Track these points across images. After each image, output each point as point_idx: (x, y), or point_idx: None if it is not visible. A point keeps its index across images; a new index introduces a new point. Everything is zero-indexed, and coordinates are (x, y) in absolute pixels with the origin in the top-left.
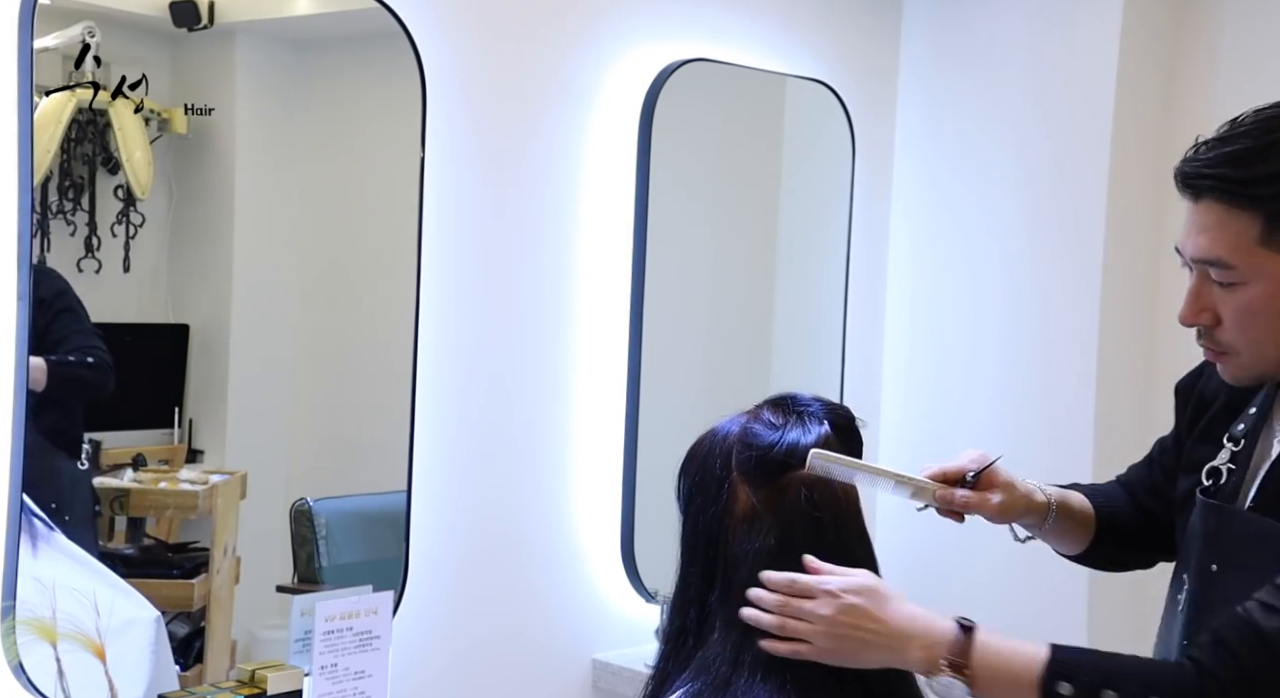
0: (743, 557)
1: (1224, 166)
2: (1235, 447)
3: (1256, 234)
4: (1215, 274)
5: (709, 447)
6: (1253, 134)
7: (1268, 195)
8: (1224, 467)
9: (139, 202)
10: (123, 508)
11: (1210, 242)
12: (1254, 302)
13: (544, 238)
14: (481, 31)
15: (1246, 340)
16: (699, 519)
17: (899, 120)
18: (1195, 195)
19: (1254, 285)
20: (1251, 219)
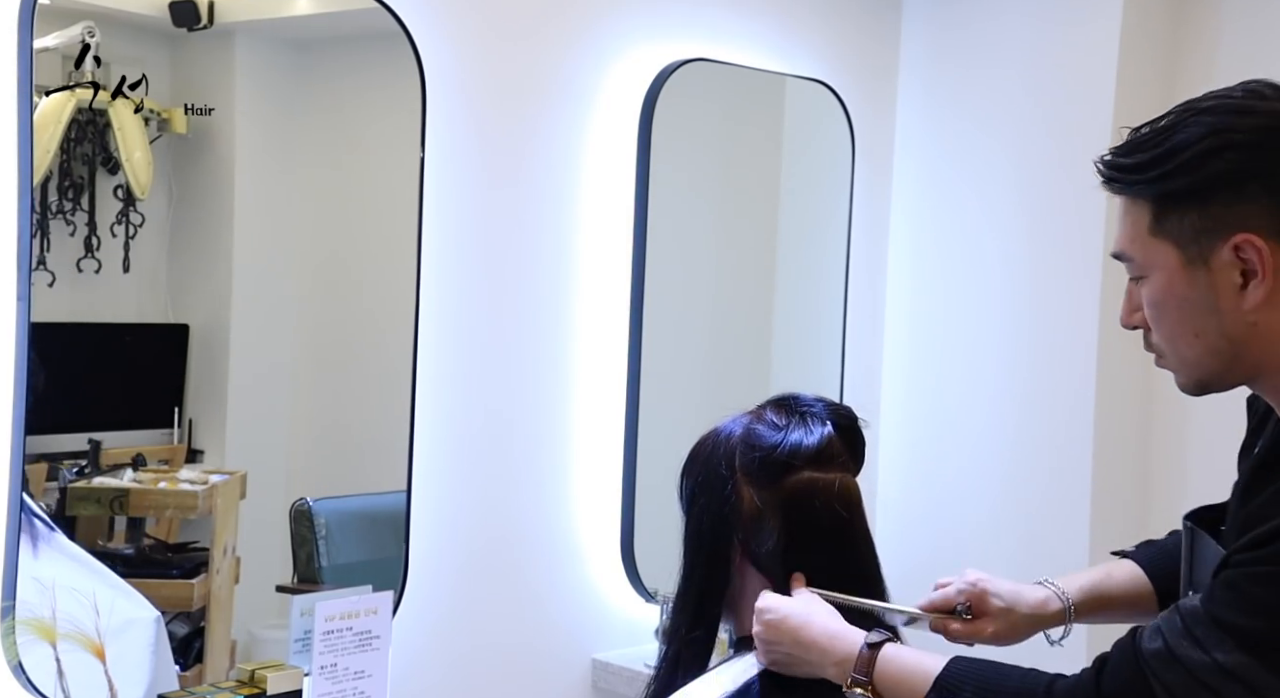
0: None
1: (1121, 155)
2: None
3: (1148, 223)
4: (1127, 269)
5: (712, 447)
6: (1158, 120)
7: (1152, 179)
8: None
9: (139, 202)
10: (123, 508)
11: (1118, 234)
12: (1154, 294)
13: (544, 238)
14: (482, 31)
15: (1162, 339)
16: (702, 520)
17: (899, 120)
18: (1107, 188)
19: (1152, 277)
20: (1143, 208)
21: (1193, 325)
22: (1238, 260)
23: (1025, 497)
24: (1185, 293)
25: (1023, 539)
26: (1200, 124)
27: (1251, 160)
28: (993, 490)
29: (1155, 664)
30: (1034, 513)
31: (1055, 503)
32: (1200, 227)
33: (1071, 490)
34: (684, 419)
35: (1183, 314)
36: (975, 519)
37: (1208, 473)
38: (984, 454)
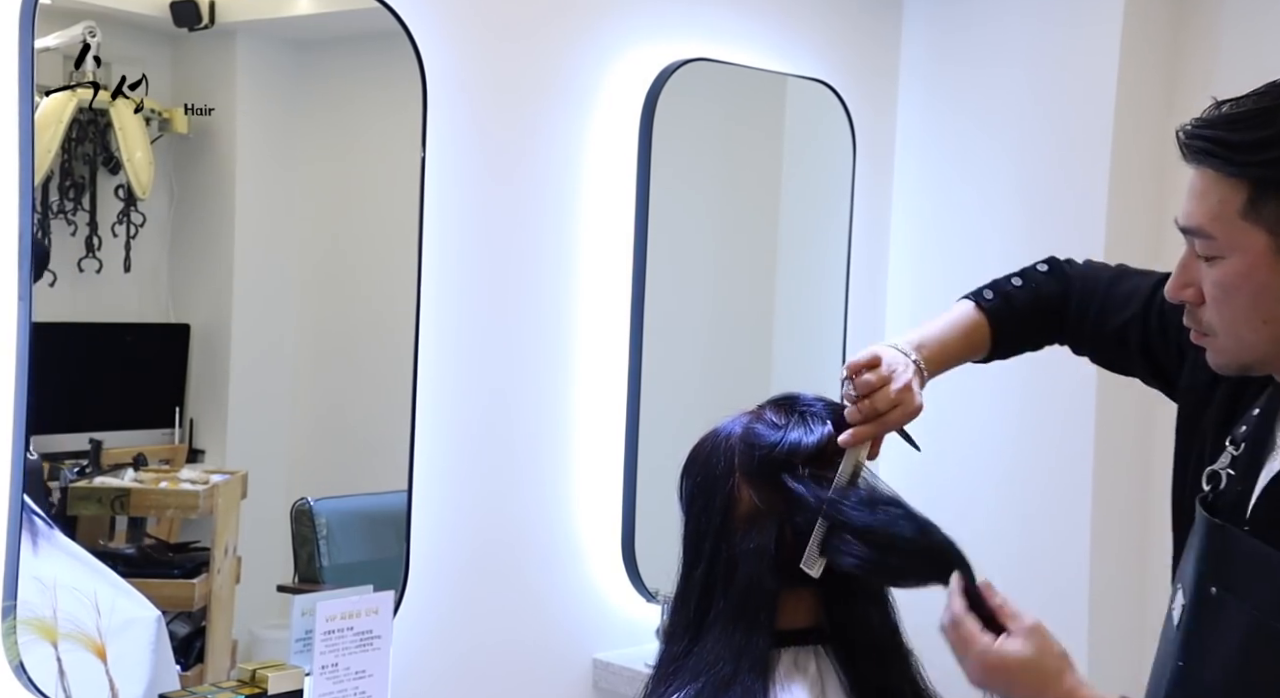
0: (745, 556)
1: (1220, 129)
2: (1235, 451)
3: (1240, 204)
4: (1199, 246)
5: (711, 447)
6: (1249, 100)
7: (1257, 163)
8: (1224, 472)
9: (140, 201)
10: (123, 508)
11: (1195, 209)
12: (1229, 277)
13: (544, 238)
14: (482, 31)
15: (1222, 320)
16: (702, 519)
17: (900, 120)
18: (1191, 160)
19: (1231, 259)
20: (1237, 187)
21: (1264, 311)
22: None
23: (1025, 496)
24: (1267, 279)
25: (1023, 539)
26: None
27: None
28: (993, 490)
29: None
30: (1034, 513)
31: (1055, 502)
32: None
33: (1071, 490)
34: (684, 419)
35: (1257, 299)
36: (975, 519)
37: None
38: (984, 454)
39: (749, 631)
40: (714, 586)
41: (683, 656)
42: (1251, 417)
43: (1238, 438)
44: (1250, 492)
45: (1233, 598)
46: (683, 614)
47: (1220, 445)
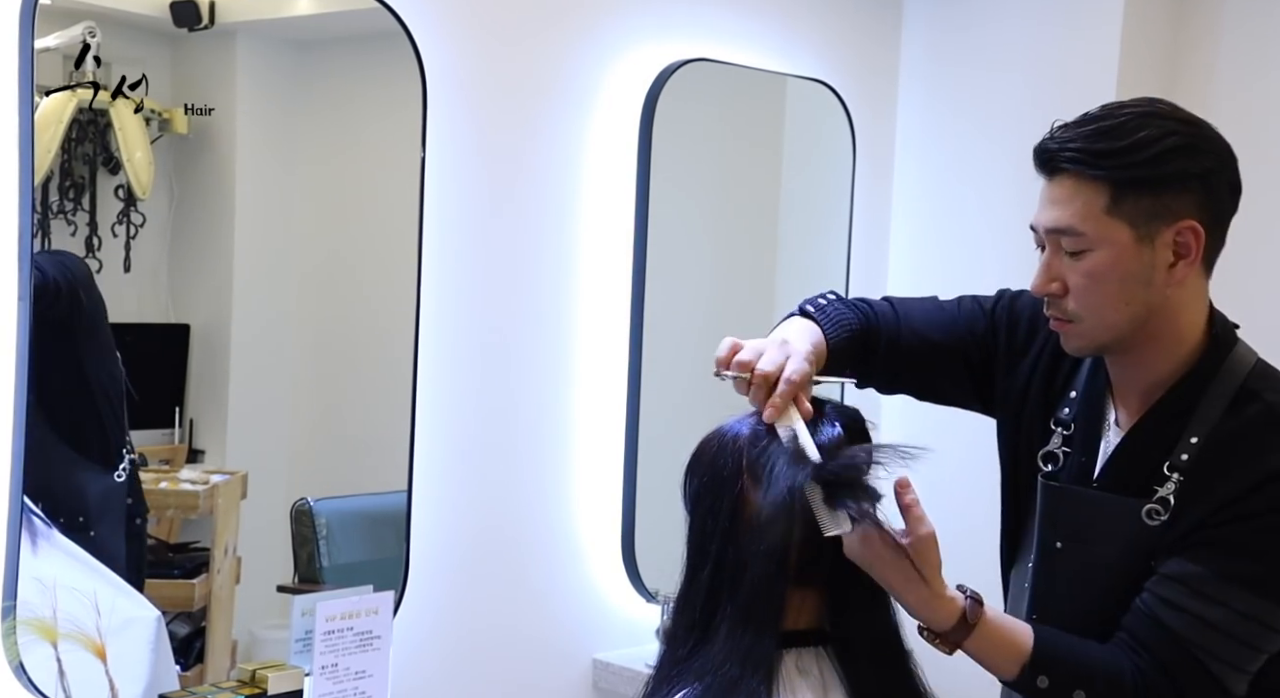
0: (754, 558)
1: (1079, 141)
2: (1066, 431)
3: (1104, 203)
4: (1067, 243)
5: (718, 447)
6: (1104, 117)
7: (1115, 166)
8: (1059, 451)
9: (139, 202)
10: None
11: (1063, 212)
12: (1098, 267)
13: (544, 238)
14: (482, 31)
15: (1090, 307)
16: (708, 520)
17: (899, 120)
18: (1051, 170)
19: (1099, 251)
20: (1100, 188)
21: (1125, 295)
22: (1175, 243)
23: None
24: (1130, 267)
25: None
26: (1161, 127)
27: (1198, 163)
28: (991, 490)
29: (1190, 635)
30: None
31: None
32: (1152, 211)
33: None
34: (685, 419)
35: (1122, 286)
36: (975, 519)
37: None
38: (984, 454)
39: (757, 633)
40: (721, 587)
41: (687, 658)
42: (1071, 400)
43: (1063, 420)
44: (1093, 462)
45: (1077, 547)
46: (687, 616)
47: (1047, 431)
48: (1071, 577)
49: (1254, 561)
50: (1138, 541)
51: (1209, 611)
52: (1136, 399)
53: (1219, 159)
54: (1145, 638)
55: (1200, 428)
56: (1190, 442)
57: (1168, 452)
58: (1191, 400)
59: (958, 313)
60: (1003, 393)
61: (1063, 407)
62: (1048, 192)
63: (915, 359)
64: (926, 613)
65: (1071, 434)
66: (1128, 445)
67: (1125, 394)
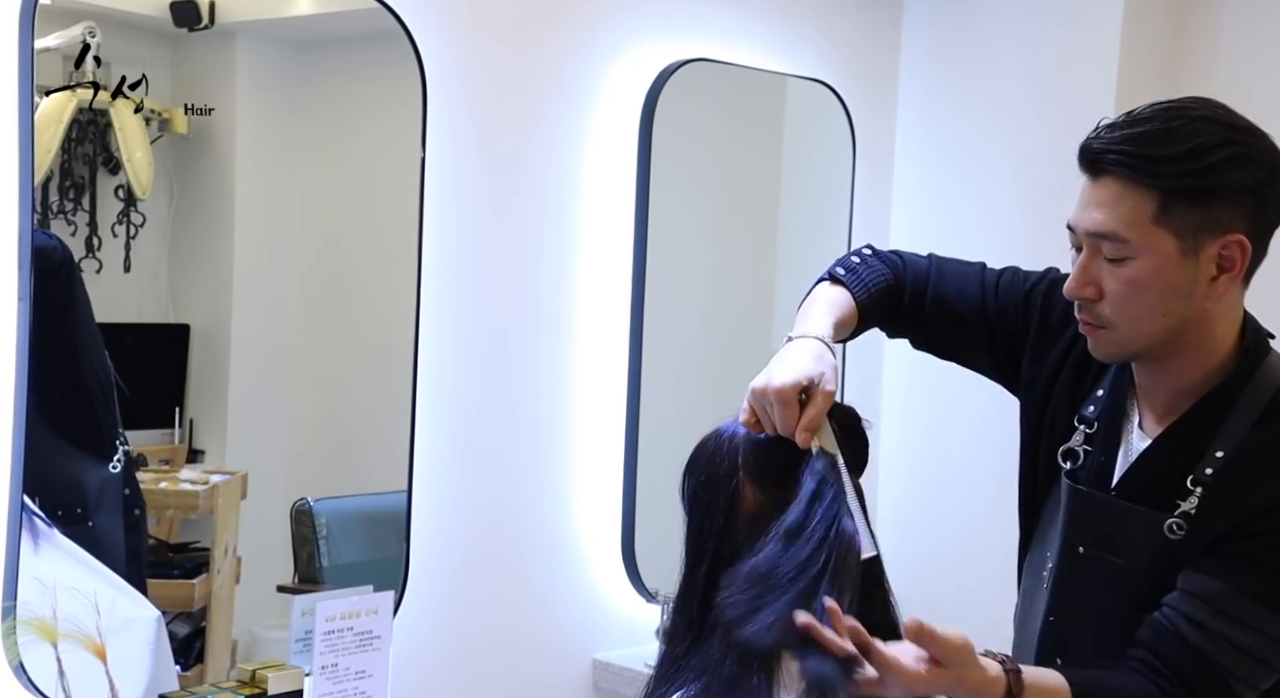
0: (749, 555)
1: (1129, 145)
2: (1089, 430)
3: (1151, 211)
4: (1108, 248)
5: (715, 446)
6: (1155, 120)
7: (1166, 174)
8: (1080, 449)
9: (139, 202)
10: None
11: (1107, 216)
12: (1139, 276)
13: (545, 238)
14: (482, 31)
15: (1126, 315)
16: (705, 519)
17: (900, 120)
18: (1097, 171)
19: (1142, 260)
20: (1147, 196)
21: (1164, 307)
22: (1219, 256)
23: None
24: (1172, 279)
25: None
26: (1216, 135)
27: (1251, 174)
28: (993, 489)
29: (1214, 653)
30: None
31: None
32: (1201, 223)
33: None
34: (684, 419)
35: (1162, 297)
36: (975, 518)
37: None
38: (984, 453)
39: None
40: (718, 584)
41: (685, 655)
42: (1098, 398)
43: (1087, 418)
44: (1112, 463)
45: (1100, 554)
46: (685, 614)
47: (1070, 427)
48: (1092, 583)
49: (1276, 578)
50: (1159, 553)
51: (1232, 630)
52: (1162, 405)
53: (1272, 170)
54: (1169, 657)
55: (1227, 442)
56: (1216, 456)
57: (1193, 464)
58: (1220, 412)
59: (996, 285)
60: (1029, 377)
61: (1088, 404)
62: (1091, 193)
63: (936, 324)
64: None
65: (1094, 433)
66: (1152, 454)
67: (1151, 398)
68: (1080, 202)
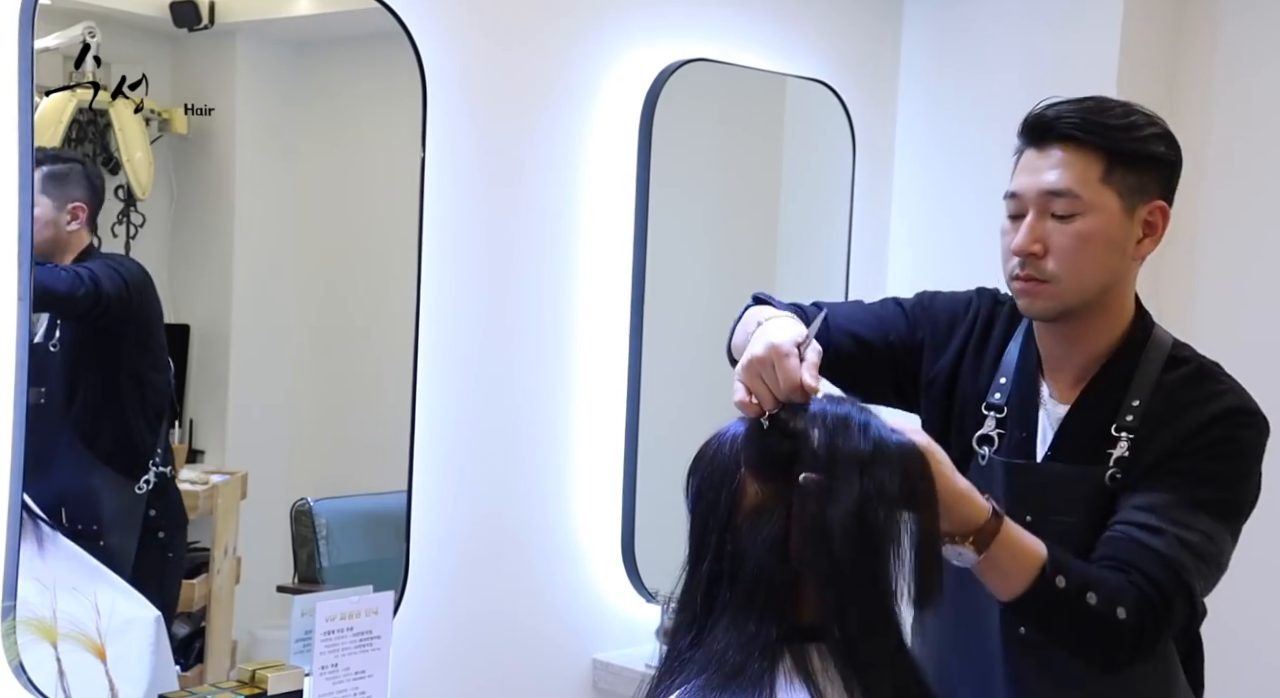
0: (752, 548)
1: (1078, 115)
2: (999, 414)
3: (1099, 172)
4: (1059, 205)
5: (717, 445)
6: (1090, 101)
7: (1111, 140)
8: (994, 434)
9: (139, 202)
10: None
11: (1061, 175)
12: (1087, 230)
13: (544, 238)
14: (482, 31)
15: (1071, 268)
16: (708, 517)
17: (900, 120)
18: (1047, 140)
19: (1091, 216)
20: (1096, 158)
21: (1105, 261)
22: (1145, 221)
23: None
24: (1114, 235)
25: None
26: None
27: (1171, 151)
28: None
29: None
30: None
31: None
32: (1136, 187)
33: None
34: (685, 419)
35: (1106, 251)
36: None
37: None
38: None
39: (758, 622)
40: (720, 579)
41: (689, 649)
42: (1002, 386)
43: (995, 404)
44: (1034, 436)
45: (1046, 518)
46: (689, 610)
47: (980, 417)
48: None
49: (1214, 487)
50: (1103, 504)
51: (1186, 534)
52: (1071, 374)
53: (1179, 152)
54: (1132, 559)
55: (1141, 391)
56: (1133, 405)
57: (1112, 416)
58: (1128, 368)
59: (882, 312)
60: (927, 383)
61: (993, 392)
62: (1038, 159)
63: (842, 354)
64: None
65: (1005, 416)
66: (1074, 416)
67: (1060, 370)
68: (1024, 170)
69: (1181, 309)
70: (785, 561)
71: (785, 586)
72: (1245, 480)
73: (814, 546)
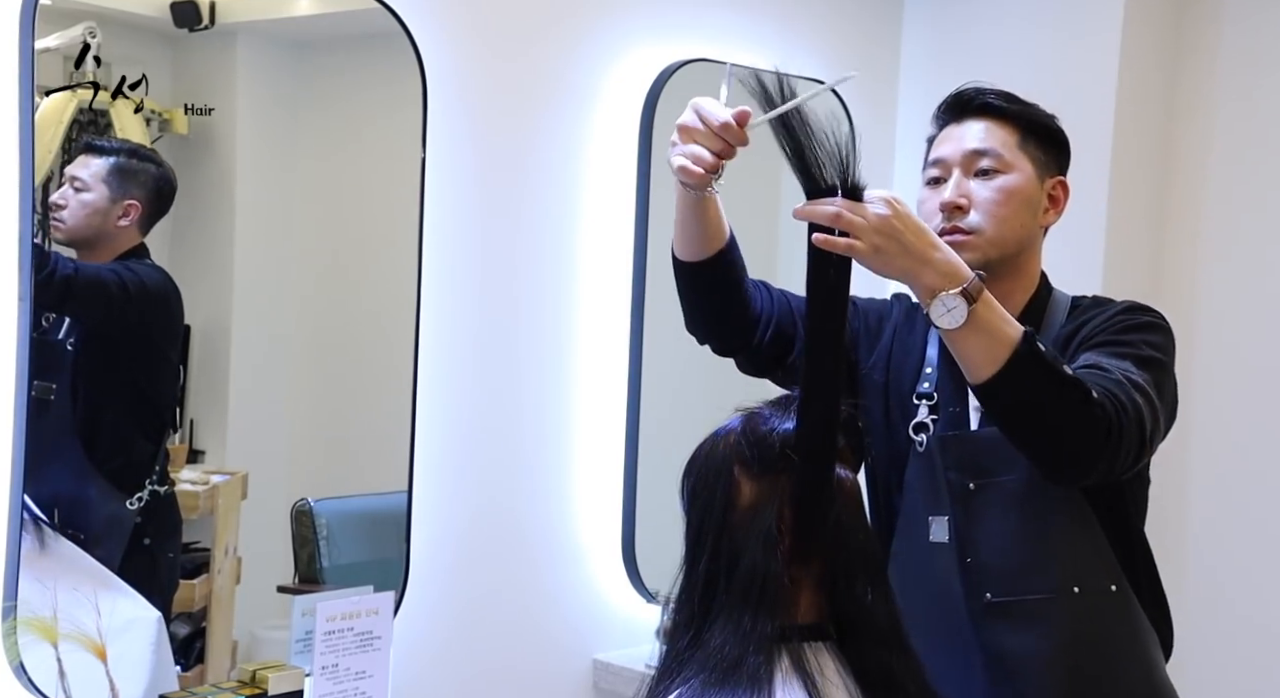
0: (747, 545)
1: (995, 97)
2: (930, 401)
3: (1017, 140)
4: (985, 163)
5: (711, 445)
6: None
7: (1026, 116)
8: (928, 421)
9: None
10: None
11: (986, 137)
12: (1008, 185)
13: (545, 238)
14: (482, 32)
15: (995, 220)
16: (704, 515)
17: (900, 120)
18: (969, 114)
19: (1011, 174)
20: (1013, 128)
21: (1021, 217)
22: (1049, 193)
23: None
24: (1029, 193)
25: None
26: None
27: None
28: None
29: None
30: None
31: None
32: (1044, 160)
33: None
34: (685, 419)
35: (1023, 208)
36: None
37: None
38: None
39: (754, 619)
40: (717, 577)
41: (688, 648)
42: (928, 374)
43: (925, 393)
44: (966, 411)
45: (989, 481)
46: (686, 609)
47: (912, 407)
48: (991, 509)
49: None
50: None
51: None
52: None
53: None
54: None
55: (1050, 333)
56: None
57: None
58: (1036, 322)
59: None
60: (864, 374)
61: (921, 382)
62: (958, 130)
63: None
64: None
65: (936, 401)
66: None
67: None
68: (944, 141)
69: (1183, 312)
70: (780, 554)
71: (781, 581)
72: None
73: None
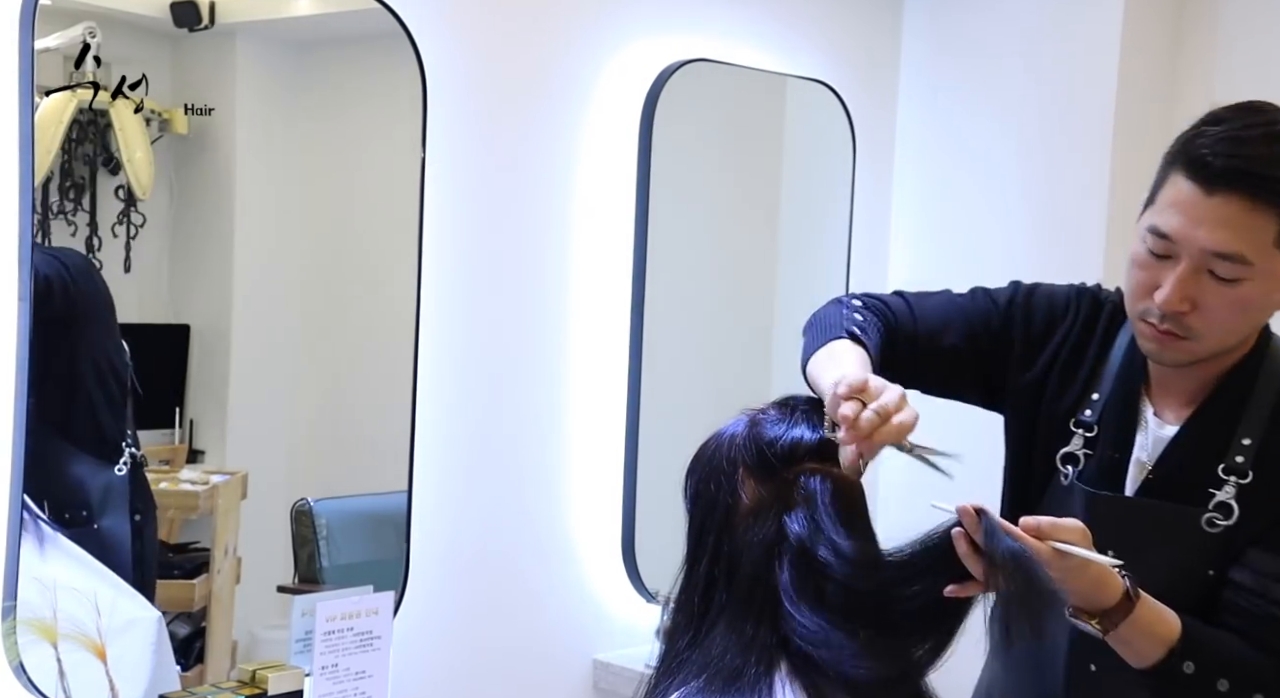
0: (748, 548)
1: (1259, 167)
2: (1089, 433)
3: (1274, 234)
4: (1224, 268)
5: (715, 446)
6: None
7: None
8: (1080, 454)
9: (140, 202)
10: None
11: (1232, 237)
12: (1251, 297)
13: (545, 238)
14: (483, 31)
15: (1221, 329)
16: (707, 517)
17: (900, 120)
18: (1214, 187)
19: (1257, 282)
20: (1270, 218)
21: (1258, 322)
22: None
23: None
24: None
25: None
26: None
27: None
28: (992, 488)
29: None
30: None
31: None
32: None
33: None
34: (685, 420)
35: (1263, 314)
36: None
37: None
38: (984, 452)
39: (755, 625)
40: (717, 580)
41: (687, 649)
42: (1094, 402)
43: (1085, 422)
44: (1126, 459)
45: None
46: (686, 610)
47: (1067, 433)
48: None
49: None
50: (1196, 548)
51: None
52: (1183, 393)
53: None
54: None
55: (1253, 430)
56: (1243, 444)
57: (1221, 453)
58: (1241, 395)
59: (970, 307)
60: (1015, 388)
61: (1084, 409)
62: (1204, 208)
63: (932, 358)
64: (1097, 593)
65: (1095, 436)
66: (1181, 442)
67: (1168, 390)
68: (1182, 211)
69: None
70: (781, 562)
71: (780, 588)
72: None
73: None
